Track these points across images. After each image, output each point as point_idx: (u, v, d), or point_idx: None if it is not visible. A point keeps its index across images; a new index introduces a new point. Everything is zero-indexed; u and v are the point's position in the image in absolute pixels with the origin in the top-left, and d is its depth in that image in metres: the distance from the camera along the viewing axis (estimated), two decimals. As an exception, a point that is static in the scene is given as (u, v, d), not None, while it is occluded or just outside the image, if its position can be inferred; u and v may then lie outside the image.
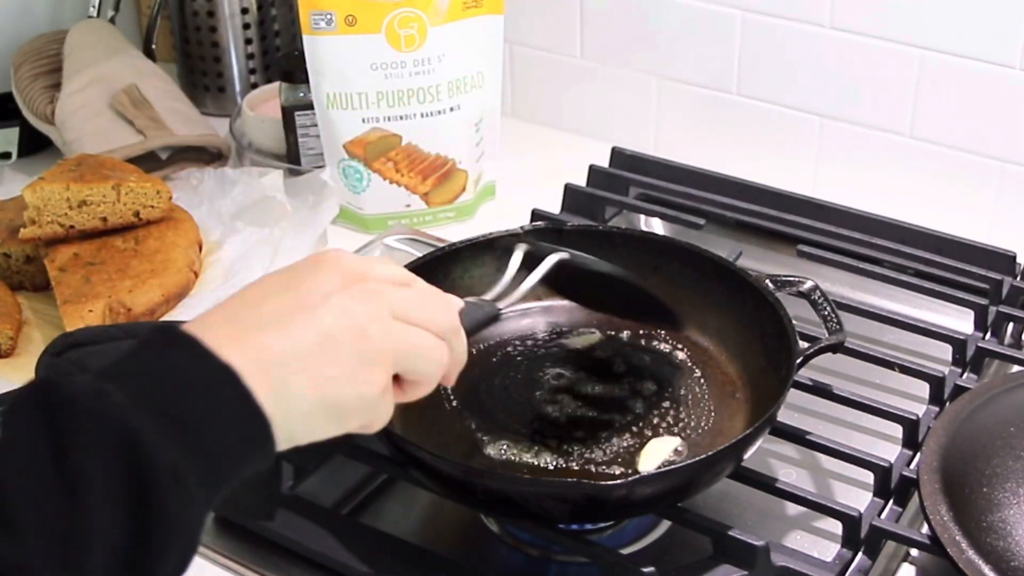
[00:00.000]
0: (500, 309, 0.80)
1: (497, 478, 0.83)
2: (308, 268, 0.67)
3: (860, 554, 0.85)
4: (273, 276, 0.67)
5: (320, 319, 0.63)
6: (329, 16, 1.18)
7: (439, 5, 1.19)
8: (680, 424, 0.91)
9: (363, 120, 1.23)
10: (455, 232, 1.23)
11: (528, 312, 1.02)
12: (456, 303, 0.74)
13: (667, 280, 1.00)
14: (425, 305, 0.69)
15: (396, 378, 0.68)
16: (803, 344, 0.89)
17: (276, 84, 1.36)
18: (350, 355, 0.64)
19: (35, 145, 1.41)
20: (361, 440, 0.91)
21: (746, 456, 0.84)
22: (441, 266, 1.00)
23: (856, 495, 0.90)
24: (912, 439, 0.94)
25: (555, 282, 0.90)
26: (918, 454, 0.91)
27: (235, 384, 0.59)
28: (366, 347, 0.64)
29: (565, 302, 1.02)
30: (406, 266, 0.97)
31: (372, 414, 0.66)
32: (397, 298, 0.67)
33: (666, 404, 0.92)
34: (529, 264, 0.85)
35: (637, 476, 0.77)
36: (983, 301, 1.08)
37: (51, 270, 1.10)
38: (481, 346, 0.99)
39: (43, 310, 1.13)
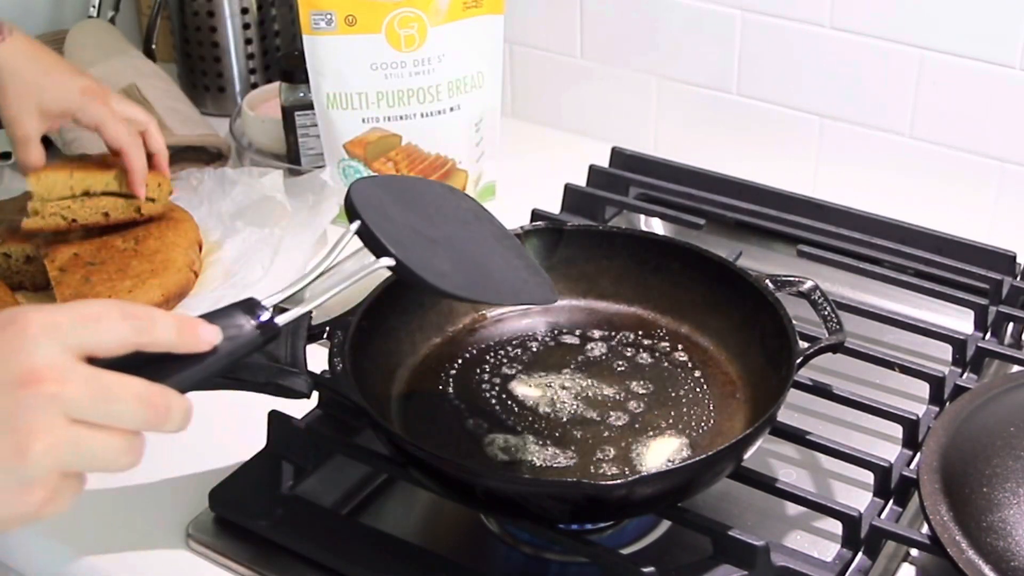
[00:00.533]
0: (277, 328, 0.70)
1: (497, 478, 0.83)
2: None
3: (860, 554, 0.85)
4: None
5: None
6: (329, 16, 1.18)
7: (439, 5, 1.19)
8: (680, 424, 0.90)
9: (363, 120, 1.23)
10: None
11: (528, 312, 1.02)
12: (207, 337, 0.66)
13: (667, 280, 1.01)
14: (118, 402, 0.61)
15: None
16: (803, 344, 0.89)
17: (276, 84, 1.36)
18: (7, 478, 0.59)
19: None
20: (361, 440, 0.91)
21: (746, 456, 0.84)
22: (441, 266, 1.00)
23: (856, 495, 0.90)
24: (912, 439, 0.94)
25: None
26: (918, 454, 0.91)
27: None
28: (23, 467, 0.59)
29: (566, 302, 1.02)
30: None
31: (39, 518, 0.62)
32: (78, 397, 0.60)
33: (666, 404, 0.92)
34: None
35: (637, 476, 0.77)
36: (983, 301, 1.08)
37: (51, 270, 1.10)
38: (481, 346, 0.99)
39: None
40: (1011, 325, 1.09)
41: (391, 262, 0.76)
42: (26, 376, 0.59)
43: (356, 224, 0.77)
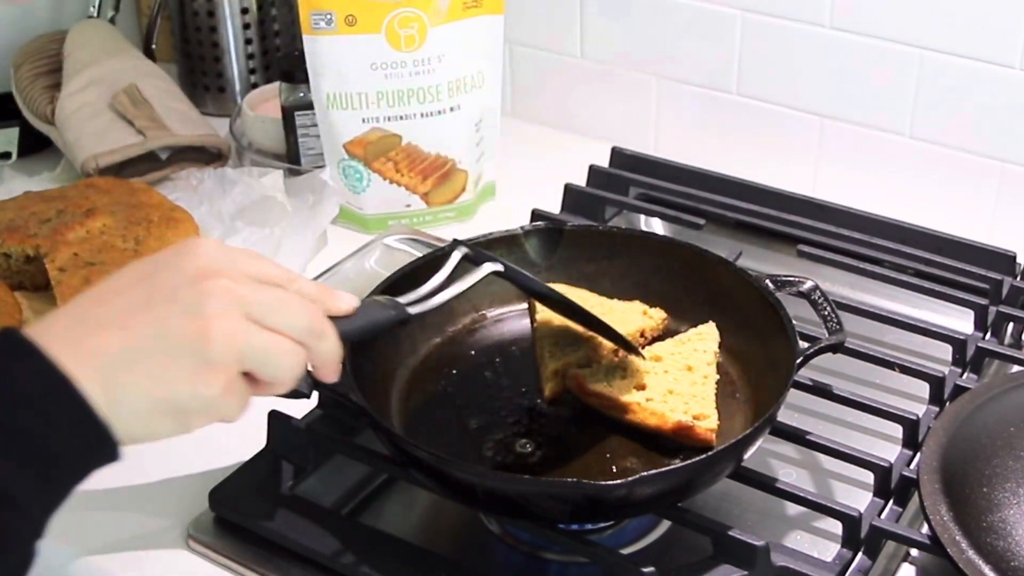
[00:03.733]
0: (409, 313, 0.78)
1: (497, 478, 0.83)
2: (168, 259, 0.66)
3: (860, 554, 0.85)
4: (134, 266, 0.67)
5: (161, 317, 0.63)
6: (329, 16, 1.18)
7: (439, 5, 1.19)
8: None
9: (363, 120, 1.23)
10: (455, 232, 1.23)
11: (528, 312, 1.02)
12: (347, 301, 0.73)
13: (667, 280, 1.01)
14: (282, 308, 0.67)
15: (250, 375, 0.66)
16: (803, 344, 0.89)
17: (276, 84, 1.36)
18: (188, 355, 0.63)
19: (35, 145, 1.41)
20: (361, 440, 0.91)
21: (746, 456, 0.84)
22: (441, 267, 1.00)
23: (856, 495, 0.90)
24: (912, 439, 0.94)
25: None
26: (918, 454, 0.91)
27: (67, 389, 0.60)
28: (206, 348, 0.63)
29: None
30: (406, 266, 0.97)
31: (217, 412, 0.65)
32: (252, 299, 0.65)
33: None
34: (465, 270, 0.85)
35: (637, 476, 0.77)
36: (983, 301, 1.08)
37: (51, 270, 1.10)
38: (481, 346, 0.99)
39: (43, 310, 1.13)
40: (1011, 325, 1.09)
41: (499, 267, 0.84)
42: (208, 272, 0.65)
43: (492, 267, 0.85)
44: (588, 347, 0.96)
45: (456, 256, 0.85)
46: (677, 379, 0.91)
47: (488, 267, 0.84)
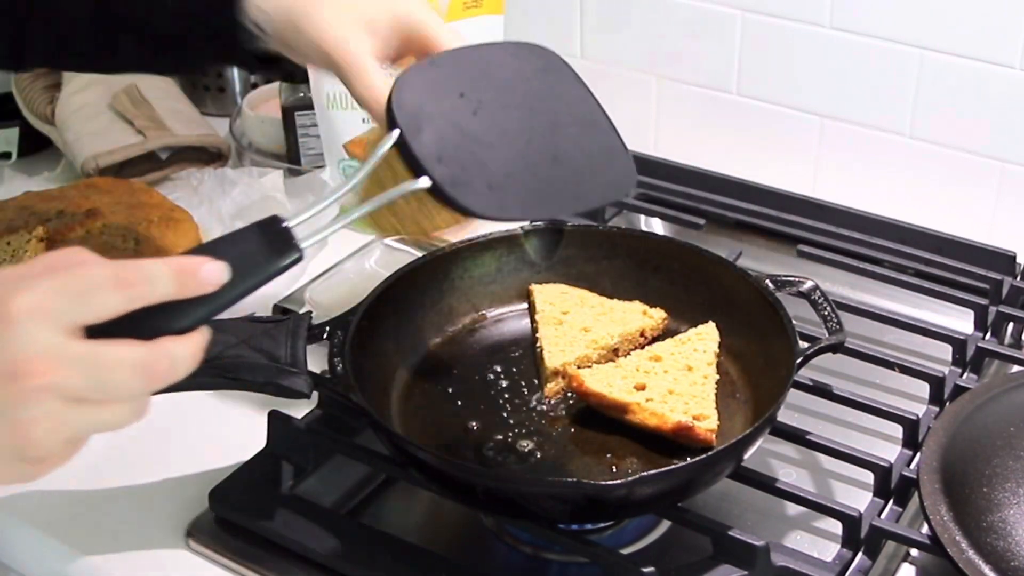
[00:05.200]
0: (299, 254, 0.66)
1: (497, 478, 0.83)
2: None
3: (860, 554, 0.85)
4: None
5: None
6: (329, 16, 1.18)
7: (439, 5, 1.19)
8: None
9: (363, 120, 1.23)
10: (454, 232, 1.23)
11: (527, 313, 1.02)
12: (213, 276, 0.63)
13: (667, 280, 1.01)
14: (108, 382, 0.60)
15: None
16: (803, 344, 0.89)
17: (276, 84, 1.36)
18: (10, 458, 0.60)
19: (35, 145, 1.41)
20: (361, 440, 0.91)
21: (746, 456, 0.84)
22: (441, 266, 1.00)
23: (856, 495, 0.90)
24: (912, 439, 0.94)
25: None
26: (918, 454, 0.91)
27: None
28: (28, 451, 0.59)
29: (565, 302, 1.02)
30: (406, 267, 0.97)
31: (61, 465, 0.62)
32: (77, 383, 0.59)
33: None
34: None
35: (637, 476, 0.77)
36: (983, 301, 1.08)
37: (51, 270, 1.10)
38: (481, 346, 0.99)
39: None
40: (1011, 325, 1.09)
41: (427, 183, 0.71)
42: (16, 369, 0.58)
43: (395, 134, 0.72)
44: (588, 348, 0.96)
45: (386, 147, 0.73)
46: (677, 379, 0.91)
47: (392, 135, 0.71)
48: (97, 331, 0.60)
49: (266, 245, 0.66)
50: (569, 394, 0.93)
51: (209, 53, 0.92)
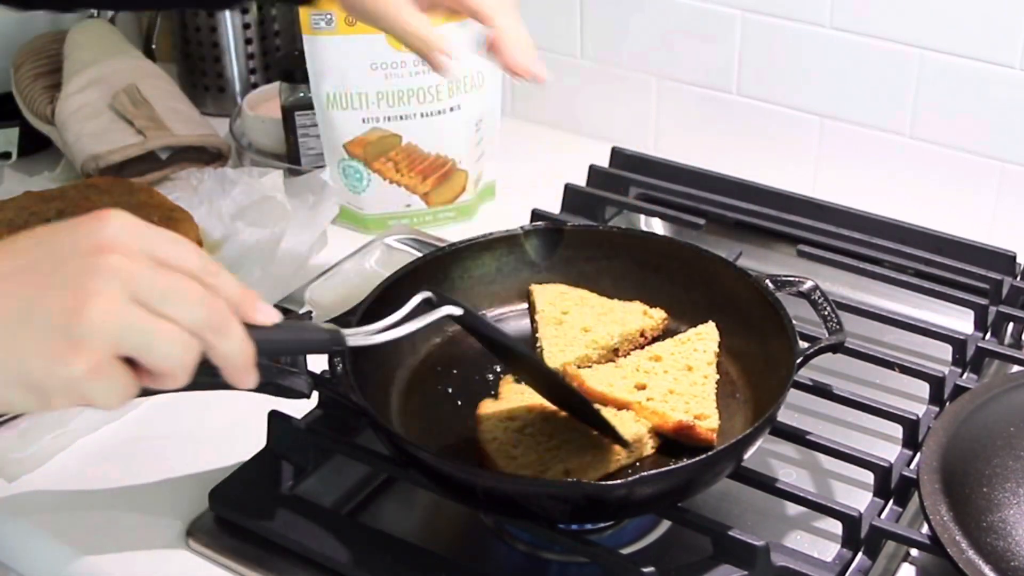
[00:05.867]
0: (346, 343, 0.73)
1: (497, 478, 0.83)
2: (74, 225, 0.63)
3: (860, 554, 0.85)
4: (42, 229, 0.64)
5: (35, 284, 0.60)
6: (329, 16, 1.18)
7: (439, 5, 1.19)
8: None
9: (363, 120, 1.23)
10: (455, 232, 1.23)
11: (528, 312, 1.02)
12: (266, 313, 0.67)
13: (667, 280, 1.01)
14: (176, 295, 0.61)
15: (136, 364, 0.62)
16: (803, 344, 0.89)
17: (276, 84, 1.36)
18: (50, 329, 0.59)
19: (35, 145, 1.41)
20: (361, 440, 0.91)
21: (746, 456, 0.84)
22: (441, 266, 1.00)
23: (856, 495, 0.90)
24: (912, 439, 0.94)
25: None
26: (918, 454, 0.91)
27: None
28: (74, 324, 0.59)
29: (565, 302, 1.02)
30: (406, 266, 0.97)
31: (81, 395, 0.60)
32: (144, 281, 0.60)
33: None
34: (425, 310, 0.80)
35: (637, 476, 0.77)
36: (983, 301, 1.08)
37: (51, 270, 1.10)
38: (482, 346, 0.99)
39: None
40: (1011, 325, 1.09)
41: (459, 311, 0.78)
42: (100, 245, 0.61)
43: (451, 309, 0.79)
44: (588, 348, 0.96)
45: (417, 299, 0.79)
46: (677, 379, 0.91)
47: (447, 310, 0.78)
48: None
49: (318, 330, 0.73)
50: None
51: None
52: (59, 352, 0.59)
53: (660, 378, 0.91)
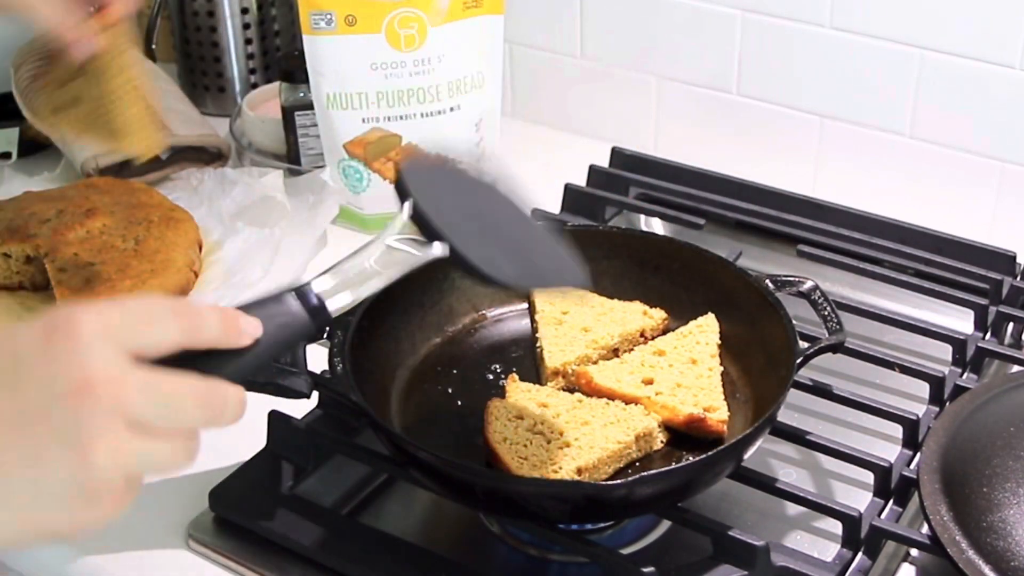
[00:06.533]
0: (329, 318, 0.69)
1: (497, 478, 0.83)
2: (37, 359, 0.58)
3: (860, 554, 0.85)
4: (13, 348, 0.59)
5: (33, 444, 0.57)
6: (329, 16, 1.18)
7: (439, 5, 1.19)
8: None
9: (363, 120, 1.23)
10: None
11: (527, 312, 1.02)
12: (251, 332, 0.65)
13: (667, 280, 1.01)
14: (170, 408, 0.59)
15: None
16: (803, 344, 0.89)
17: (276, 84, 1.36)
18: (66, 488, 0.57)
19: (35, 145, 1.41)
20: (361, 440, 0.91)
21: (746, 456, 0.84)
22: (441, 266, 0.99)
23: (856, 495, 0.90)
24: (912, 439, 0.94)
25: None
26: (918, 454, 0.91)
27: None
28: (87, 476, 0.57)
29: (565, 302, 1.02)
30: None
31: (102, 524, 0.59)
32: (135, 405, 0.58)
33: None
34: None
35: (637, 476, 0.77)
36: (983, 301, 1.08)
37: (51, 270, 1.10)
38: (481, 346, 0.99)
39: (42, 310, 1.13)
40: (1011, 325, 1.09)
41: (445, 249, 0.73)
42: (83, 385, 0.57)
43: (408, 205, 0.74)
44: (588, 348, 0.96)
45: (403, 217, 0.75)
46: (683, 372, 0.91)
47: (435, 249, 0.74)
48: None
49: (296, 309, 0.69)
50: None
51: None
52: (80, 507, 0.58)
53: (666, 372, 0.91)
